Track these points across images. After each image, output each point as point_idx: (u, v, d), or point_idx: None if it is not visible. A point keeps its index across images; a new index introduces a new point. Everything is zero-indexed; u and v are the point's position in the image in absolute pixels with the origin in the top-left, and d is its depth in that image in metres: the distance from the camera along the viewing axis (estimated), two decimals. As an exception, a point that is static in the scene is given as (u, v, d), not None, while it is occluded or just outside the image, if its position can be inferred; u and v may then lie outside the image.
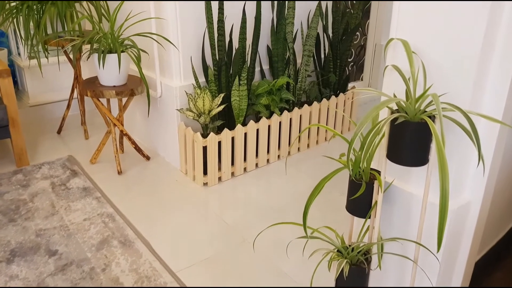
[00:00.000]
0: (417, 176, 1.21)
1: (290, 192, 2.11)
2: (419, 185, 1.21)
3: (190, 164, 2.17)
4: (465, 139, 1.09)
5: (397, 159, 1.04)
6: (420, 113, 1.00)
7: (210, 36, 2.07)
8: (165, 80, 2.24)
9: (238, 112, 2.19)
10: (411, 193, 1.21)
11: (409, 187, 1.23)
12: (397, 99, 1.00)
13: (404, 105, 1.01)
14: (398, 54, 1.18)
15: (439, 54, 1.08)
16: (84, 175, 2.21)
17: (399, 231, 1.30)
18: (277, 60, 2.38)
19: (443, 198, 0.92)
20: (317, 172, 2.30)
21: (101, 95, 2.06)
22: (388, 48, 1.20)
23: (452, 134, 1.11)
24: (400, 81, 1.18)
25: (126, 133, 2.29)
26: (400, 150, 1.03)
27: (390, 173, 1.28)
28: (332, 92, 2.65)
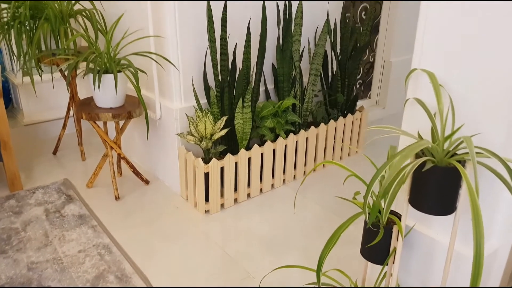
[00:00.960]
0: (441, 220, 1.09)
1: (296, 221, 1.99)
2: (443, 231, 1.10)
3: (191, 190, 2.06)
4: (496, 184, 0.98)
5: (421, 207, 0.93)
6: (448, 156, 0.90)
7: (212, 55, 1.97)
8: (164, 101, 2.14)
9: (241, 135, 2.09)
10: (434, 239, 1.10)
11: (432, 232, 1.11)
12: (425, 143, 0.89)
13: (431, 147, 0.91)
14: (421, 86, 1.07)
15: (469, 89, 0.97)
16: (80, 201, 2.10)
17: (417, 278, 1.18)
18: (282, 80, 2.28)
19: (477, 255, 0.81)
20: (325, 197, 2.19)
21: (97, 118, 1.96)
22: (409, 79, 1.10)
23: (481, 177, 1.00)
24: (422, 116, 1.07)
25: (124, 157, 2.19)
26: (424, 197, 0.92)
27: (410, 215, 1.17)
28: (339, 113, 2.54)
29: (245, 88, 2.08)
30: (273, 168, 2.24)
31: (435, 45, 1.01)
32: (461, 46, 0.96)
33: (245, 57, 2.03)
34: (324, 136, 2.42)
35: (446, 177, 0.87)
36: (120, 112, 1.98)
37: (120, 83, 1.97)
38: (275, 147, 2.18)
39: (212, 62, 1.98)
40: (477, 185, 0.80)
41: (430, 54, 1.02)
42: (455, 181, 0.88)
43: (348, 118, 2.54)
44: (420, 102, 1.00)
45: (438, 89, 0.95)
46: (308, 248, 1.81)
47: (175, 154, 2.12)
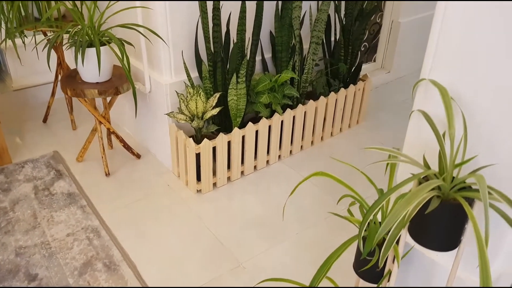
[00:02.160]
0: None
1: (290, 203, 1.94)
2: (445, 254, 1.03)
3: (182, 168, 2.00)
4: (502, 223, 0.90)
5: (421, 241, 0.85)
6: (455, 189, 0.80)
7: (204, 27, 1.82)
8: (154, 74, 2.01)
9: (235, 112, 1.98)
10: (433, 260, 1.03)
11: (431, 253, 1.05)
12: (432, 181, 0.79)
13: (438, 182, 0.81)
14: (431, 98, 0.96)
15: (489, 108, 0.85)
16: (70, 177, 2.05)
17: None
18: (281, 50, 2.14)
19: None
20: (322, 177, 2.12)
21: (82, 94, 1.85)
22: (417, 88, 0.98)
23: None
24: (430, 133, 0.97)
25: (114, 131, 2.11)
26: (426, 231, 0.84)
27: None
28: (341, 84, 2.41)
29: (239, 62, 1.94)
30: (268, 144, 2.16)
31: (452, 52, 0.88)
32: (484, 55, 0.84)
33: (239, 29, 1.88)
34: (323, 110, 2.31)
35: (452, 215, 0.79)
36: (107, 88, 1.87)
37: (106, 56, 1.84)
38: (270, 124, 2.09)
39: (204, 34, 1.84)
40: (488, 235, 0.71)
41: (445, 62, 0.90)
42: (461, 218, 0.80)
43: (350, 89, 2.41)
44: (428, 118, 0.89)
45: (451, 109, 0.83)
46: (301, 235, 1.77)
47: (166, 130, 2.03)
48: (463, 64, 0.86)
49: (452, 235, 0.81)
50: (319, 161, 2.24)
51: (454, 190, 0.79)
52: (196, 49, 1.90)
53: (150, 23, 1.89)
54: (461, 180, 0.79)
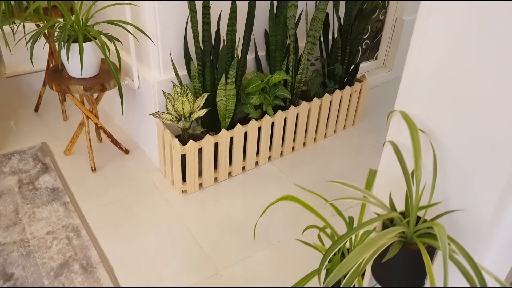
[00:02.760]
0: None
1: (277, 208, 1.91)
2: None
3: (169, 167, 1.97)
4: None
5: (384, 283, 0.82)
6: (419, 233, 0.77)
7: (193, 26, 1.77)
8: (143, 70, 1.97)
9: (224, 113, 1.94)
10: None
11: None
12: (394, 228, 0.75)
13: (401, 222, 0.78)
14: (404, 129, 0.91)
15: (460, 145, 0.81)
16: (55, 171, 2.03)
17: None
18: (275, 49, 2.08)
19: None
20: (311, 180, 2.09)
21: (67, 90, 1.82)
22: (390, 119, 0.93)
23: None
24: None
25: (101, 126, 2.08)
26: (388, 274, 0.80)
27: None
28: (337, 85, 2.35)
29: (229, 63, 1.89)
30: (258, 145, 2.12)
31: (428, 85, 0.83)
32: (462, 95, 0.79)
33: (229, 29, 1.82)
34: (317, 111, 2.26)
35: (413, 260, 0.76)
36: (93, 84, 1.84)
37: (92, 52, 1.80)
38: (260, 125, 2.04)
39: (193, 33, 1.79)
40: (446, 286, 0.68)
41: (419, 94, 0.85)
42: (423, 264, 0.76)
43: (346, 91, 2.35)
44: (398, 154, 0.85)
45: (418, 149, 0.79)
46: (283, 244, 1.75)
47: (155, 128, 2.00)
48: (439, 99, 0.81)
49: (414, 280, 0.78)
50: (310, 164, 2.20)
51: (417, 235, 0.75)
52: (185, 48, 1.85)
53: (139, 19, 1.84)
54: (423, 227, 0.76)
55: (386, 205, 0.82)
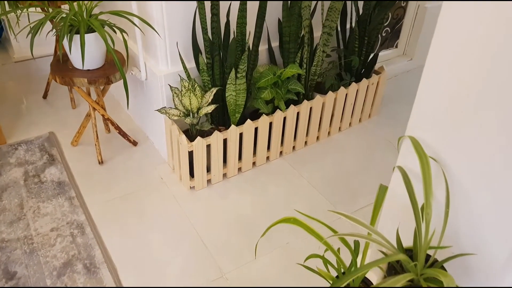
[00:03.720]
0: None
1: (286, 206, 1.85)
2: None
3: (176, 163, 1.92)
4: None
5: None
6: (425, 276, 0.70)
7: (201, 18, 1.68)
8: (151, 61, 1.90)
9: (234, 108, 1.87)
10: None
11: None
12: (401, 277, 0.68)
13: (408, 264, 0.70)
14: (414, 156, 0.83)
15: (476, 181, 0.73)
16: (62, 163, 2.00)
17: None
18: (288, 40, 1.98)
19: None
20: (323, 177, 2.01)
21: (72, 83, 1.76)
22: (401, 143, 0.85)
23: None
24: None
25: (108, 118, 2.03)
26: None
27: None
28: (353, 78, 2.24)
29: (239, 56, 1.80)
30: (269, 140, 2.05)
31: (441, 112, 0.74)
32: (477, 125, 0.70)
33: (239, 22, 1.73)
34: (331, 105, 2.17)
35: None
36: (97, 76, 1.77)
37: (96, 43, 1.73)
38: (271, 120, 1.96)
39: (202, 25, 1.70)
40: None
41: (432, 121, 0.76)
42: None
43: (362, 84, 2.25)
44: (407, 184, 0.77)
45: (429, 180, 0.71)
46: (291, 245, 1.69)
47: (162, 120, 1.94)
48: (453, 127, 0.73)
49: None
50: (323, 159, 2.12)
51: (425, 277, 0.68)
52: (193, 40, 1.76)
53: (145, 9, 1.75)
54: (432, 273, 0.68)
55: (393, 245, 0.74)
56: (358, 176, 2.03)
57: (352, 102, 2.27)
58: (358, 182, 1.99)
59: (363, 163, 2.11)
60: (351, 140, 2.27)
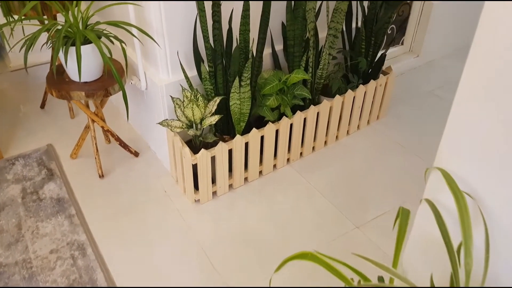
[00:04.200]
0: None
1: (295, 218, 1.78)
2: None
3: (180, 175, 1.84)
4: None
5: None
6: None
7: (202, 26, 1.59)
8: (150, 70, 1.82)
9: (238, 117, 1.79)
10: None
11: None
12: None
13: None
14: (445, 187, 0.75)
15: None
16: (61, 178, 1.93)
17: None
18: (293, 44, 1.89)
19: None
20: (333, 184, 1.93)
21: (69, 97, 1.68)
22: (428, 175, 0.77)
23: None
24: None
25: (108, 129, 1.95)
26: None
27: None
28: (360, 80, 2.15)
29: (242, 64, 1.72)
30: (276, 147, 1.97)
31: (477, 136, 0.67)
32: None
33: (242, 29, 1.64)
34: (339, 109, 2.08)
35: None
36: (95, 89, 1.69)
37: (93, 55, 1.65)
38: (278, 128, 1.89)
39: (203, 34, 1.61)
40: None
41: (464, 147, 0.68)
42: None
43: (370, 85, 2.16)
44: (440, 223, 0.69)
45: (467, 223, 0.63)
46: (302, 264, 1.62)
47: (164, 130, 1.86)
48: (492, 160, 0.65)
49: None
50: (332, 165, 2.04)
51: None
52: (195, 48, 1.68)
53: (144, 18, 1.67)
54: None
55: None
56: (368, 182, 1.95)
57: (360, 104, 2.19)
58: (369, 189, 1.91)
59: (373, 168, 2.03)
60: (359, 144, 2.19)
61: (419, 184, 1.96)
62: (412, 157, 2.11)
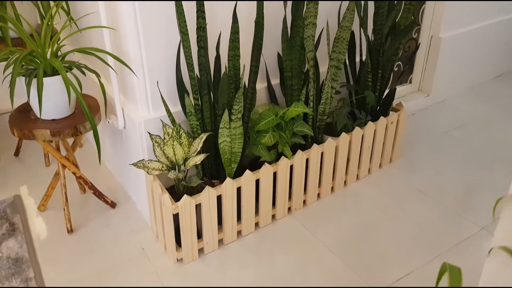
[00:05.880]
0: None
1: (303, 279, 1.46)
2: None
3: (160, 229, 1.56)
4: None
5: None
6: None
7: (186, 51, 1.38)
8: (129, 106, 1.59)
9: (229, 157, 1.53)
10: None
11: None
12: None
13: None
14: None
15: None
16: (24, 234, 1.64)
17: None
18: (290, 76, 1.68)
19: None
20: (344, 238, 1.63)
21: (31, 136, 1.45)
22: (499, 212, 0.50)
23: None
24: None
25: (81, 175, 1.69)
26: None
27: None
28: (368, 117, 1.92)
29: (232, 95, 1.50)
30: (274, 194, 1.69)
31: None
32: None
33: (231, 54, 1.43)
34: (346, 149, 1.83)
35: None
36: (63, 128, 1.46)
37: (62, 88, 1.44)
38: (276, 170, 1.62)
39: (186, 60, 1.40)
40: None
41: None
42: None
43: (381, 122, 1.92)
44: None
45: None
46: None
47: (144, 176, 1.61)
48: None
49: None
50: (340, 216, 1.75)
51: None
52: (178, 78, 1.46)
53: (121, 45, 1.47)
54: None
55: None
56: (386, 235, 1.65)
57: (370, 144, 1.93)
58: (387, 244, 1.61)
59: (390, 218, 1.74)
60: (372, 190, 1.91)
61: (447, 234, 1.65)
62: (434, 205, 1.82)
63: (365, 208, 1.80)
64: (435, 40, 2.53)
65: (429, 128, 2.42)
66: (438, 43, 2.52)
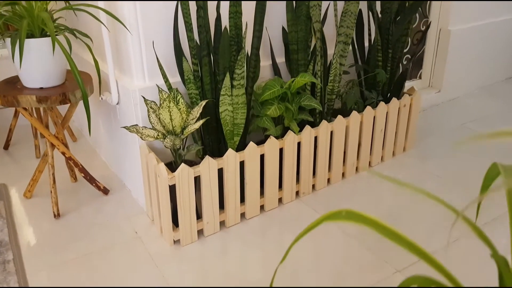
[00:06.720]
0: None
1: (315, 260, 1.30)
2: None
3: (155, 207, 1.41)
4: None
5: None
6: None
7: (184, 9, 1.29)
8: (124, 79, 1.49)
9: (231, 129, 1.41)
10: None
11: None
12: None
13: None
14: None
15: None
16: (6, 219, 1.50)
17: None
18: (296, 49, 1.58)
19: None
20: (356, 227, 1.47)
21: (16, 103, 1.33)
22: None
23: None
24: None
25: (70, 156, 1.56)
26: None
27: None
28: (380, 97, 1.80)
29: (234, 58, 1.39)
30: (281, 175, 1.55)
31: None
32: None
33: (232, 11, 1.33)
34: (357, 130, 1.70)
35: None
36: (50, 94, 1.35)
37: (50, 53, 1.33)
38: (282, 146, 1.49)
39: (184, 19, 1.30)
40: None
41: None
42: None
43: (393, 104, 1.80)
44: None
45: None
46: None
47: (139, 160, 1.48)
48: None
49: None
50: (352, 202, 1.60)
51: None
52: (175, 42, 1.36)
53: (116, 8, 1.38)
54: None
55: None
56: (406, 219, 1.49)
57: (382, 128, 1.80)
58: (407, 227, 1.45)
59: (408, 207, 1.59)
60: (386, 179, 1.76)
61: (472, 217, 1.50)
62: (459, 190, 1.67)
63: (377, 195, 1.64)
64: (444, 33, 2.44)
65: (443, 122, 2.29)
66: (447, 36, 2.43)
